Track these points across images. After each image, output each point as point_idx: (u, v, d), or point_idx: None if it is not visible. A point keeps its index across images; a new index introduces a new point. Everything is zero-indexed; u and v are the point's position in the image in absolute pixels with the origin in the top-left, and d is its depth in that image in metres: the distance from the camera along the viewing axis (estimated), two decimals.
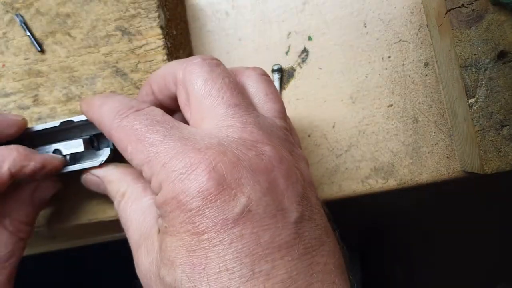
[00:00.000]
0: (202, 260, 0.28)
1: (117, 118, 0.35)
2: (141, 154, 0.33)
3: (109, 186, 0.42)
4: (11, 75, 0.50)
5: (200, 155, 0.30)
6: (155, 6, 0.47)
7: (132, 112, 0.35)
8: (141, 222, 0.36)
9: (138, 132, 0.34)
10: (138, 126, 0.34)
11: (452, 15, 0.47)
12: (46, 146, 0.46)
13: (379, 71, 0.56)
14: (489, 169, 0.46)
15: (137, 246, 0.36)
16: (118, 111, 0.36)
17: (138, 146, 0.33)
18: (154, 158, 0.32)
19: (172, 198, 0.30)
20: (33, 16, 0.50)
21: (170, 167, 0.30)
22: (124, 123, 0.35)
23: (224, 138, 0.32)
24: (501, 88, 0.46)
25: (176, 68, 0.38)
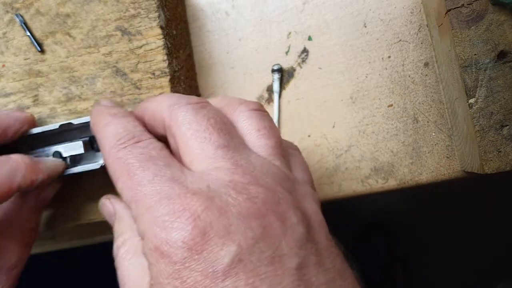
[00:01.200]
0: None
1: (115, 147, 0.34)
2: (130, 192, 0.31)
3: (117, 225, 0.39)
4: (11, 75, 0.50)
5: (186, 201, 0.28)
6: (155, 6, 0.47)
7: (131, 143, 0.34)
8: (139, 282, 0.32)
9: (130, 167, 0.32)
10: (131, 161, 0.33)
11: (452, 15, 0.47)
12: (46, 148, 0.46)
13: (379, 71, 0.56)
14: (489, 169, 0.46)
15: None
16: (119, 139, 0.35)
17: (128, 182, 0.32)
18: (141, 199, 0.30)
19: (155, 248, 0.27)
20: (33, 16, 0.50)
21: (154, 212, 0.29)
22: (120, 155, 0.34)
23: (213, 181, 0.30)
24: (501, 88, 0.46)
25: (164, 112, 0.36)
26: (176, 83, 0.49)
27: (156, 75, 0.47)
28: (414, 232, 1.53)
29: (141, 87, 0.48)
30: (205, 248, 0.26)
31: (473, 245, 1.51)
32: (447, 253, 1.53)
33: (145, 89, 0.47)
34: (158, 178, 0.30)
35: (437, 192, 1.46)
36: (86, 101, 0.49)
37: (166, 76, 0.47)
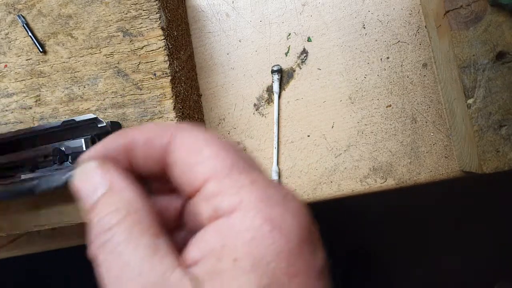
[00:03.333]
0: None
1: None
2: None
3: (107, 198, 0.34)
4: (14, 76, 0.50)
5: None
6: (156, 7, 0.48)
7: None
8: (148, 273, 0.30)
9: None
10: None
11: (450, 16, 0.48)
12: (48, 145, 0.46)
13: (377, 71, 0.56)
14: (487, 169, 0.46)
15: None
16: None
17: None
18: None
19: None
20: (35, 17, 0.50)
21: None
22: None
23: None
24: (500, 88, 0.47)
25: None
26: (177, 84, 0.49)
27: (157, 75, 0.48)
28: (413, 231, 1.54)
29: (142, 88, 0.48)
30: None
31: (472, 244, 1.51)
32: (446, 252, 1.54)
33: (146, 90, 0.48)
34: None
35: (435, 192, 1.46)
36: (88, 101, 0.49)
37: (167, 77, 0.48)
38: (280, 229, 0.29)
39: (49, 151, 0.45)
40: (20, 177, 0.46)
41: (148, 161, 0.36)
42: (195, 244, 0.31)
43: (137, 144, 0.35)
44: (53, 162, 0.45)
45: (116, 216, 0.31)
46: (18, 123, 0.50)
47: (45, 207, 0.50)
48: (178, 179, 0.34)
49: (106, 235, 0.30)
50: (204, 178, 0.32)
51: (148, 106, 0.48)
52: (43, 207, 0.50)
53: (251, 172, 0.32)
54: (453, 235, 1.53)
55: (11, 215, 0.51)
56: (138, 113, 0.48)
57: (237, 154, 0.33)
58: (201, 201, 0.32)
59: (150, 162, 0.36)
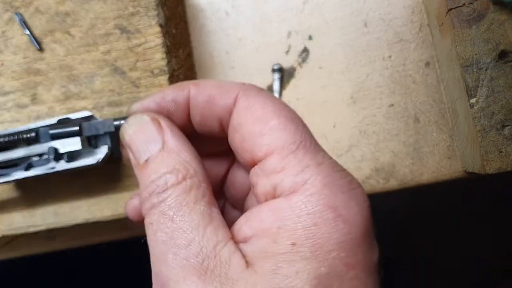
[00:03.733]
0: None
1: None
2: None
3: (164, 157, 0.32)
4: (10, 74, 0.50)
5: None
6: (154, 4, 0.47)
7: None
8: (200, 231, 0.29)
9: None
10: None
11: (453, 15, 0.47)
12: (43, 143, 0.45)
13: (379, 70, 0.56)
14: (490, 169, 0.46)
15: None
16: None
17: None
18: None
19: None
20: (32, 15, 0.50)
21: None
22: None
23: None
24: (502, 88, 0.46)
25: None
26: (175, 82, 0.48)
27: (155, 73, 0.47)
28: (414, 232, 1.53)
29: (140, 86, 0.47)
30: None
31: (474, 245, 1.50)
32: (447, 253, 1.53)
33: (144, 88, 0.47)
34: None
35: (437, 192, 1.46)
36: (85, 99, 0.48)
37: (165, 75, 0.47)
38: (343, 218, 0.28)
39: (44, 150, 0.45)
40: (14, 176, 0.45)
41: (208, 120, 0.34)
42: (246, 220, 0.30)
43: (198, 100, 0.34)
44: (48, 160, 0.45)
45: (172, 178, 0.30)
46: (14, 121, 0.50)
47: (41, 208, 0.49)
48: (239, 144, 0.33)
49: (160, 196, 0.30)
50: (268, 150, 0.31)
51: None
52: (39, 207, 0.49)
53: (317, 153, 0.31)
54: (455, 236, 1.53)
55: (5, 215, 0.50)
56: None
57: (305, 130, 0.32)
58: (260, 175, 0.31)
59: (209, 121, 0.34)
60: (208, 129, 0.35)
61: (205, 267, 0.27)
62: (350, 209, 0.29)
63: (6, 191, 0.50)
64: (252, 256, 0.28)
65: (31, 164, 0.46)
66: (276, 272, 0.27)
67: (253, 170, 0.32)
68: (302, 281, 0.26)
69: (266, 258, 0.28)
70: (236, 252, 0.28)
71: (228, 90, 0.33)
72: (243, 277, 0.27)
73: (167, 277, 0.28)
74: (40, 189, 0.49)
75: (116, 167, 0.48)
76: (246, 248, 0.29)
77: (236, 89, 0.33)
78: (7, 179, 0.45)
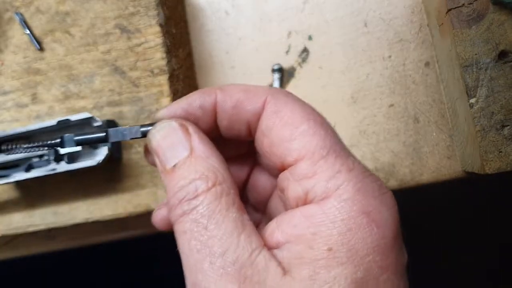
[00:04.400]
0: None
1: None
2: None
3: (193, 163, 0.31)
4: (10, 73, 0.50)
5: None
6: (155, 4, 0.47)
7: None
8: (234, 239, 0.29)
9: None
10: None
11: (453, 15, 0.47)
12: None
13: (380, 70, 0.56)
14: (490, 169, 0.46)
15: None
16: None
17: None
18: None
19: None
20: (32, 15, 0.50)
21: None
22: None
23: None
24: (502, 88, 0.46)
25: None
26: (175, 82, 0.48)
27: (154, 73, 0.47)
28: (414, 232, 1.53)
29: (140, 85, 0.47)
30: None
31: (474, 245, 1.50)
32: (447, 253, 1.53)
33: (144, 87, 0.47)
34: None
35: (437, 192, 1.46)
36: (85, 99, 0.48)
37: (165, 74, 0.47)
38: (376, 223, 0.29)
39: (44, 151, 0.45)
40: (15, 178, 0.45)
41: (235, 125, 0.34)
42: (278, 225, 0.30)
43: (225, 106, 0.34)
44: (48, 162, 0.45)
45: (202, 184, 0.30)
46: (14, 121, 0.50)
47: (40, 208, 0.49)
48: (267, 148, 0.33)
49: (191, 203, 0.30)
50: (298, 156, 0.31)
51: (145, 104, 0.47)
52: (38, 207, 0.49)
53: (348, 158, 0.31)
54: (455, 236, 1.53)
55: (5, 215, 0.50)
56: (135, 111, 0.47)
57: (334, 135, 0.32)
58: (291, 179, 0.31)
59: (236, 125, 0.34)
60: (235, 133, 0.35)
61: (243, 276, 0.28)
62: (382, 214, 0.29)
63: (6, 190, 0.50)
64: (288, 262, 0.29)
65: (32, 165, 0.46)
66: (314, 278, 0.27)
67: (283, 174, 0.32)
68: (340, 286, 0.27)
69: (303, 264, 0.28)
70: (271, 259, 0.29)
71: (256, 94, 0.33)
72: (282, 284, 0.27)
73: (205, 286, 0.28)
74: (39, 189, 0.49)
75: (115, 167, 0.48)
76: (280, 254, 0.29)
77: (264, 94, 0.33)
78: (8, 181, 0.45)
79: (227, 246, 0.28)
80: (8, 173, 0.46)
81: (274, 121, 0.32)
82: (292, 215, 0.30)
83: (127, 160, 0.48)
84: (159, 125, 0.33)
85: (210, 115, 0.34)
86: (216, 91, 0.34)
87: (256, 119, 0.33)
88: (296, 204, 0.31)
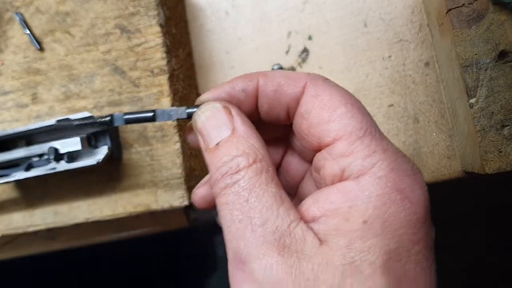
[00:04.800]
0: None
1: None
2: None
3: (235, 142, 0.34)
4: (10, 74, 0.50)
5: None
6: (155, 4, 0.47)
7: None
8: (274, 212, 0.31)
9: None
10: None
11: (452, 15, 0.47)
12: (43, 144, 0.45)
13: (379, 70, 0.56)
14: (489, 169, 0.46)
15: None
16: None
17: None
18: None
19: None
20: (32, 15, 0.50)
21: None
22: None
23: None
24: (502, 88, 0.46)
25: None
26: (175, 82, 0.48)
27: (154, 73, 0.47)
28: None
29: (140, 85, 0.47)
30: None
31: (474, 245, 1.50)
32: (446, 253, 1.53)
33: (144, 87, 0.47)
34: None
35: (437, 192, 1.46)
36: (85, 99, 0.48)
37: (165, 74, 0.47)
38: (409, 200, 0.30)
39: (44, 150, 0.45)
40: (14, 177, 0.45)
41: (275, 108, 0.36)
42: (314, 201, 0.32)
43: (267, 90, 0.36)
44: (48, 161, 0.45)
45: (243, 161, 0.32)
46: (14, 121, 0.50)
47: (40, 207, 0.49)
48: (305, 130, 0.35)
49: (233, 177, 0.32)
50: (336, 136, 0.33)
51: (145, 104, 0.47)
52: (38, 207, 0.50)
53: (382, 140, 0.33)
54: (455, 236, 1.53)
55: (5, 215, 0.50)
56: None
57: (370, 118, 0.34)
58: (328, 158, 0.33)
59: (276, 109, 0.36)
60: (274, 116, 0.37)
61: (282, 244, 0.29)
62: (415, 192, 0.31)
63: (6, 190, 0.50)
64: (325, 233, 0.30)
65: (31, 165, 0.46)
66: (350, 247, 0.29)
67: (320, 154, 0.34)
68: (374, 255, 0.29)
69: (339, 235, 0.30)
70: (308, 230, 0.31)
71: (296, 79, 0.35)
72: (319, 253, 0.29)
73: (246, 253, 0.30)
74: (40, 189, 0.50)
75: (115, 167, 0.48)
76: (316, 227, 0.31)
77: (304, 79, 0.35)
78: (8, 180, 0.45)
79: (267, 217, 0.30)
80: (8, 172, 0.46)
81: (314, 104, 0.34)
82: (329, 191, 0.32)
83: (127, 160, 0.48)
84: (204, 106, 0.35)
85: (252, 99, 0.36)
86: (258, 76, 0.36)
87: (295, 103, 0.35)
88: (332, 181, 0.33)
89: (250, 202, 0.31)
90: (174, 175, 0.47)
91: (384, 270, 0.29)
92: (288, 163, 0.41)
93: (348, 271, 0.29)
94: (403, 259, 0.30)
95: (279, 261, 0.29)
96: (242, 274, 0.30)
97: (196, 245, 1.31)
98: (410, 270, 0.30)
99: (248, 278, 0.30)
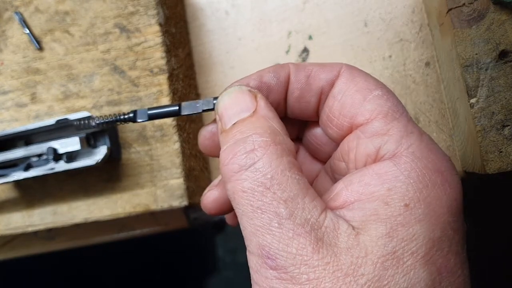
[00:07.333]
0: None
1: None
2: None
3: (254, 120, 0.31)
4: (9, 73, 0.50)
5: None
6: (154, 3, 0.47)
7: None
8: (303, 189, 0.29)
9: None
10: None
11: (453, 14, 0.47)
12: (42, 144, 0.45)
13: (380, 70, 0.55)
14: (490, 169, 0.46)
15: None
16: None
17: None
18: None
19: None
20: (32, 14, 0.50)
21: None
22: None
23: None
24: (502, 88, 0.46)
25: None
26: (174, 81, 0.48)
27: (154, 72, 0.47)
28: None
29: (139, 85, 0.47)
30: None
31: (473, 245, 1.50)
32: None
33: (143, 87, 0.47)
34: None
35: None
36: (84, 98, 0.48)
37: (164, 74, 0.47)
38: (449, 184, 0.29)
39: (43, 150, 0.45)
40: (13, 177, 0.45)
41: (306, 94, 0.35)
42: (346, 186, 0.30)
43: (299, 76, 0.35)
44: (47, 161, 0.45)
45: (259, 138, 0.29)
46: (13, 121, 0.49)
47: (39, 207, 0.49)
48: (336, 111, 0.33)
49: (249, 156, 0.29)
50: (371, 115, 0.31)
51: (144, 104, 0.47)
52: (37, 207, 0.49)
53: (417, 125, 0.32)
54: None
55: (4, 215, 0.50)
56: None
57: (403, 106, 0.33)
58: (362, 137, 0.31)
59: (307, 94, 0.35)
60: (303, 105, 0.35)
61: (315, 238, 0.27)
62: (454, 176, 0.29)
63: (5, 190, 0.50)
64: (360, 221, 0.28)
65: (30, 165, 0.46)
66: (391, 235, 0.27)
67: (351, 135, 0.32)
68: (418, 244, 0.26)
69: (378, 221, 0.27)
70: (339, 219, 0.28)
71: (331, 66, 0.34)
72: (356, 244, 0.27)
73: (276, 249, 0.27)
74: (39, 189, 0.49)
75: (114, 167, 0.48)
76: (350, 214, 0.28)
77: (339, 65, 0.34)
78: (6, 180, 0.45)
79: (293, 208, 0.27)
80: (7, 172, 0.46)
81: (349, 85, 0.33)
82: (363, 173, 0.30)
83: (126, 159, 0.48)
84: (229, 87, 0.33)
85: (283, 84, 0.34)
86: (289, 64, 0.35)
87: (329, 86, 0.34)
88: (365, 162, 0.31)
89: (272, 190, 0.28)
90: (174, 175, 0.47)
91: (426, 260, 0.26)
92: (301, 163, 0.39)
93: (388, 261, 0.26)
94: (445, 249, 0.27)
95: (314, 258, 0.26)
96: (271, 272, 0.27)
97: (196, 245, 1.31)
98: (451, 262, 0.27)
99: (280, 276, 0.27)
